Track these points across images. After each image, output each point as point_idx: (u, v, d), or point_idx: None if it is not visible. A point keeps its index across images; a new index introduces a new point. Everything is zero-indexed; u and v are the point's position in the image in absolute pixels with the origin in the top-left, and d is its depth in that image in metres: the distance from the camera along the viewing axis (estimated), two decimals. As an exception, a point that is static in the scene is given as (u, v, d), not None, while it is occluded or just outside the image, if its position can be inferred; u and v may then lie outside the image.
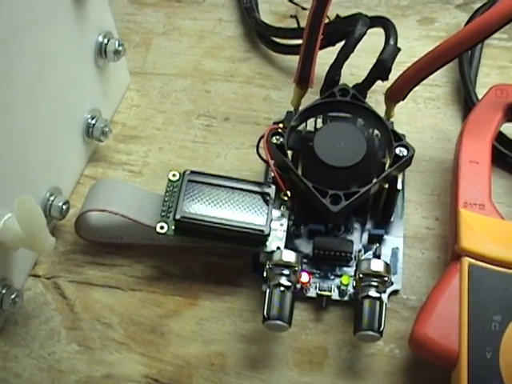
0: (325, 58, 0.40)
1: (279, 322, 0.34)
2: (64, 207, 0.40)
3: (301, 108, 0.39)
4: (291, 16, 0.47)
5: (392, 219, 0.40)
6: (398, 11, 0.49)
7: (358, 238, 0.39)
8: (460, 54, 0.36)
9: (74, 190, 0.43)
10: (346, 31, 0.39)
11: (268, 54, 0.48)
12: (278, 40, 0.47)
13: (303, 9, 0.47)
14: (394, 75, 0.39)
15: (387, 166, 0.36)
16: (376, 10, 0.49)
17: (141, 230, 0.39)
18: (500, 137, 0.41)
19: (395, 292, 0.38)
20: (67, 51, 0.39)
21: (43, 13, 0.36)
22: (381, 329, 0.34)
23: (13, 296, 0.37)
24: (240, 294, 0.39)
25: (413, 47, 0.46)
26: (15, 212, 0.34)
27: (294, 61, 0.40)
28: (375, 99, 0.43)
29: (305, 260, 0.38)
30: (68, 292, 0.40)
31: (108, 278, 0.40)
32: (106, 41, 0.42)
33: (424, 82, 0.38)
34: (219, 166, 0.43)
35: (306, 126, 0.40)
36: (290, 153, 0.37)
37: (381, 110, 0.39)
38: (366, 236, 0.39)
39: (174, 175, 0.38)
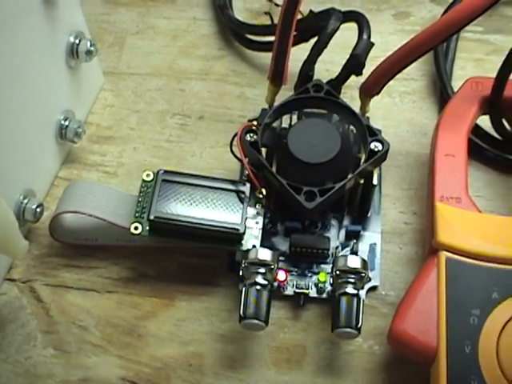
0: (299, 54, 0.40)
1: (256, 321, 0.34)
2: (38, 210, 0.39)
3: (275, 105, 0.38)
4: (265, 13, 0.47)
5: (369, 215, 0.40)
6: (373, 6, 0.49)
7: (335, 235, 0.39)
8: (434, 46, 0.36)
9: (49, 192, 0.42)
10: (319, 26, 0.39)
11: (242, 51, 0.48)
12: (252, 37, 0.46)
13: (277, 5, 0.46)
14: (368, 70, 0.38)
15: (362, 161, 0.36)
16: (350, 5, 0.48)
17: (116, 232, 0.38)
18: (476, 130, 0.41)
19: (373, 288, 0.38)
20: (37, 51, 0.38)
21: (11, 11, 0.35)
22: (358, 325, 0.34)
23: None
24: (217, 293, 0.38)
25: (388, 42, 0.46)
26: None
27: (268, 58, 0.39)
28: (350, 94, 0.42)
29: (282, 258, 0.38)
30: (44, 295, 0.39)
31: (84, 280, 0.39)
32: (77, 41, 0.41)
33: (399, 76, 0.38)
34: (194, 165, 0.43)
35: (281, 123, 0.39)
36: (264, 150, 0.37)
37: (356, 105, 0.39)
38: (343, 232, 0.39)
39: (147, 175, 0.38)
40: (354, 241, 0.38)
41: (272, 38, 0.39)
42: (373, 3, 0.49)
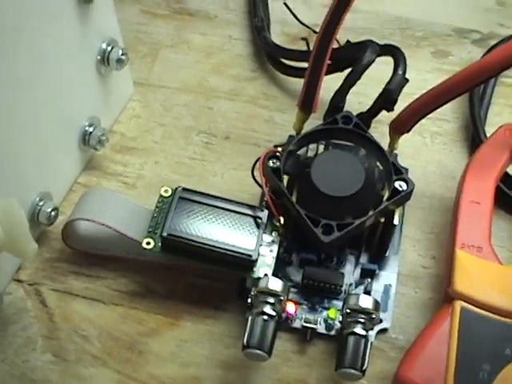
0: (332, 83, 0.39)
1: (259, 352, 0.33)
2: (53, 213, 0.39)
3: (302, 133, 0.38)
4: (302, 38, 0.46)
5: (387, 254, 0.39)
6: (413, 41, 0.48)
7: (350, 271, 0.38)
8: (469, 89, 0.35)
9: (66, 197, 0.42)
10: (355, 58, 0.38)
11: (275, 75, 0.47)
12: (286, 62, 0.46)
13: (315, 32, 0.46)
14: (400, 106, 0.38)
15: (385, 199, 0.35)
16: (390, 39, 0.48)
17: (128, 244, 0.38)
18: (506, 178, 0.40)
19: (384, 330, 0.37)
20: (68, 54, 0.38)
21: (46, 10, 0.35)
22: (363, 368, 0.33)
23: None
24: (223, 318, 0.38)
25: (424, 79, 0.45)
26: None
27: (301, 84, 0.39)
28: (381, 130, 0.42)
29: (294, 289, 0.37)
30: (49, 300, 0.39)
31: (91, 289, 0.39)
32: (109, 48, 0.41)
33: (432, 115, 0.37)
34: (215, 186, 0.42)
35: (307, 151, 0.39)
36: (286, 178, 0.37)
37: (386, 141, 0.39)
38: (358, 270, 0.38)
39: (165, 191, 0.37)
40: (369, 280, 0.37)
41: (306, 65, 0.39)
42: (413, 39, 0.49)
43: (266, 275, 0.35)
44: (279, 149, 0.37)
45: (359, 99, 0.43)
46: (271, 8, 0.50)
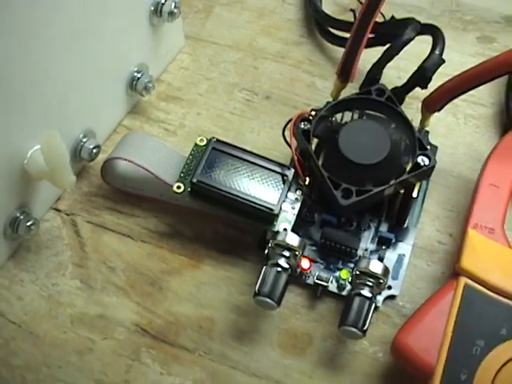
0: (373, 56, 0.40)
1: (268, 300, 0.35)
2: (94, 151, 0.41)
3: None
4: (350, 10, 0.48)
5: (405, 226, 0.40)
6: (460, 24, 0.49)
7: (367, 237, 0.40)
8: (503, 74, 0.36)
9: (110, 137, 0.44)
10: (396, 34, 0.39)
11: (321, 42, 0.49)
12: (333, 31, 0.47)
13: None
14: (435, 85, 0.39)
15: (407, 170, 0.36)
16: (437, 20, 0.48)
17: (161, 187, 0.40)
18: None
19: (392, 297, 0.38)
20: (124, 4, 0.40)
21: None
22: (364, 328, 0.34)
23: (29, 223, 0.39)
24: (242, 266, 0.40)
25: (465, 62, 0.45)
26: (41, 145, 0.36)
27: None
28: (416, 106, 0.43)
29: (312, 247, 0.39)
30: (83, 231, 0.41)
31: (122, 225, 0.41)
32: (163, 0, 0.43)
33: (469, 98, 0.38)
34: (251, 142, 0.44)
35: (342, 118, 0.40)
36: (315, 141, 0.38)
37: (419, 117, 0.40)
38: (376, 237, 0.40)
39: (201, 140, 0.39)
40: (384, 247, 0.39)
41: None
42: (460, 22, 0.49)
43: (285, 230, 0.37)
44: (312, 112, 0.38)
45: (399, 74, 0.45)
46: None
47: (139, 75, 0.44)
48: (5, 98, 0.35)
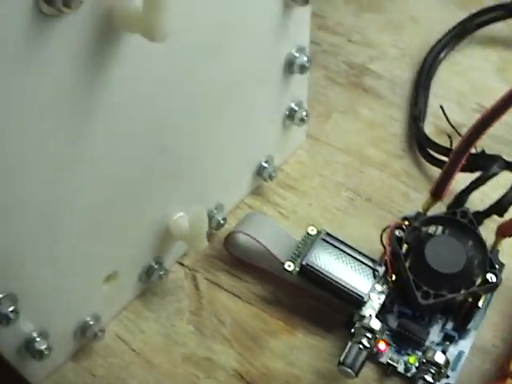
0: (464, 178, 0.47)
1: (349, 370, 0.42)
2: (222, 222, 0.49)
3: (428, 214, 0.47)
4: (447, 135, 0.54)
5: (468, 327, 0.46)
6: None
7: (435, 331, 0.46)
8: None
9: (233, 211, 0.52)
10: (484, 166, 0.47)
11: (419, 159, 0.54)
12: (430, 151, 0.53)
13: (458, 134, 0.53)
14: (511, 215, 0.46)
15: (477, 284, 0.44)
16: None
17: (272, 261, 0.47)
18: None
19: (448, 385, 0.44)
20: (264, 107, 0.48)
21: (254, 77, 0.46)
22: (424, 408, 0.41)
23: (161, 272, 0.47)
24: (329, 339, 0.46)
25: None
26: (189, 215, 0.44)
27: (437, 172, 0.47)
28: (492, 228, 0.47)
29: (388, 332, 0.46)
30: (201, 286, 0.49)
31: (234, 287, 0.49)
32: (296, 108, 0.51)
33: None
34: (349, 235, 0.49)
35: (428, 229, 0.48)
36: (405, 246, 0.46)
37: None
38: (442, 333, 0.46)
39: (312, 230, 0.47)
40: (448, 343, 0.46)
41: (445, 159, 0.47)
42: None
43: (370, 315, 0.44)
44: (406, 222, 0.46)
45: (482, 197, 0.51)
46: (430, 102, 0.57)
47: (266, 165, 0.51)
48: (172, 175, 0.43)
